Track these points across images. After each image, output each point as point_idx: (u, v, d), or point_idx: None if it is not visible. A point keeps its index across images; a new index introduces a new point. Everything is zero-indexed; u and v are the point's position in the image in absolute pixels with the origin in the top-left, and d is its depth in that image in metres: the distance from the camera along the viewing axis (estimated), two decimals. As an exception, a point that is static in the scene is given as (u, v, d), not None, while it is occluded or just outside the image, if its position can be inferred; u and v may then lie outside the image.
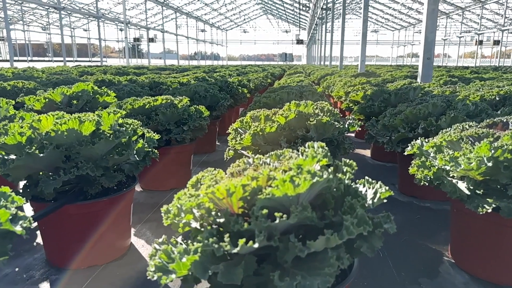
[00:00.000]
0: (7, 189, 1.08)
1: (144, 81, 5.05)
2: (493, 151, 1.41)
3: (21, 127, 1.64)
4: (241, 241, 0.83)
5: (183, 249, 0.89)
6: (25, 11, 37.95)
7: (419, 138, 1.90)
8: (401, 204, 2.67)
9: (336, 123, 1.94)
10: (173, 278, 0.86)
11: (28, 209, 2.34)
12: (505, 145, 1.41)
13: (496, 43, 30.98)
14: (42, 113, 1.68)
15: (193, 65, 22.19)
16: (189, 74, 6.96)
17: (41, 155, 1.56)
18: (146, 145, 1.89)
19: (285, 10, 48.21)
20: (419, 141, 1.86)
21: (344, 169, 1.11)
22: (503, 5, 26.78)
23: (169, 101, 2.80)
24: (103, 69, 9.95)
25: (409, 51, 53.72)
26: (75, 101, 2.92)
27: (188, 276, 0.90)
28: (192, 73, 7.06)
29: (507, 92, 3.24)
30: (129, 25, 30.15)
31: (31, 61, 37.76)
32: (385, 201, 1.01)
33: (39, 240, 2.07)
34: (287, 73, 10.59)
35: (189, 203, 0.96)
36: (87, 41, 50.35)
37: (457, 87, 4.04)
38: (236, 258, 0.92)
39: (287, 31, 61.02)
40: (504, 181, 1.45)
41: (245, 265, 0.89)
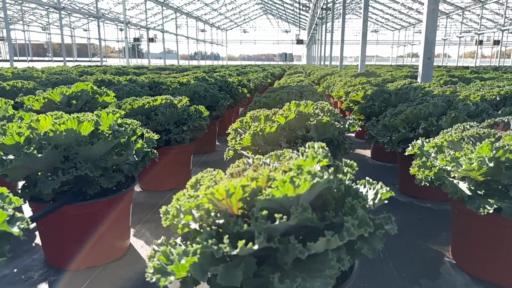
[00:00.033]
0: (4, 190, 1.07)
1: (143, 81, 5.04)
2: (494, 152, 1.40)
3: (19, 127, 1.63)
4: (241, 243, 0.82)
5: (182, 250, 0.88)
6: (25, 11, 37.96)
7: (419, 138, 1.89)
8: (401, 204, 2.66)
9: (336, 123, 1.93)
10: (172, 280, 0.85)
11: (27, 209, 2.34)
12: (507, 145, 1.40)
13: (496, 43, 30.99)
14: (41, 113, 1.67)
15: (193, 65, 22.19)
16: (189, 74, 6.95)
17: (40, 155, 1.55)
18: (145, 145, 1.89)
19: (285, 10, 48.22)
20: (420, 141, 1.85)
21: (344, 170, 1.10)
22: (503, 5, 26.77)
23: (168, 101, 2.79)
24: (103, 69, 9.94)
25: (409, 51, 53.76)
26: (75, 101, 2.91)
27: (187, 278, 0.89)
28: (192, 73, 7.06)
29: (508, 92, 3.23)
30: (129, 25, 30.15)
31: (31, 61, 37.77)
32: (386, 202, 1.01)
33: (38, 240, 2.06)
34: (287, 73, 10.59)
35: (188, 204, 0.95)
36: (87, 41, 50.37)
37: (458, 87, 4.03)
38: (235, 259, 0.91)
39: (287, 31, 61.02)
40: (505, 181, 1.44)
41: (244, 267, 0.88)
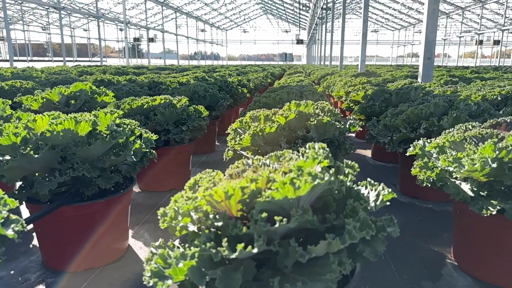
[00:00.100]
0: (-1, 191, 1.05)
1: (143, 81, 5.02)
2: (497, 152, 1.38)
3: (16, 127, 1.61)
4: (240, 246, 0.80)
5: (180, 253, 0.86)
6: (25, 11, 37.94)
7: (421, 138, 1.87)
8: (402, 205, 2.64)
9: (337, 123, 1.91)
10: (170, 284, 0.83)
11: (24, 211, 2.32)
12: (510, 145, 1.38)
13: (496, 43, 30.98)
14: (39, 113, 1.65)
15: (193, 65, 22.16)
16: (189, 74, 6.93)
17: (36, 156, 1.53)
18: (143, 146, 1.87)
19: (285, 10, 48.20)
20: (421, 142, 1.83)
21: (345, 171, 1.08)
22: (503, 5, 26.77)
23: (167, 101, 2.77)
24: (103, 69, 9.92)
25: (409, 51, 53.75)
26: (73, 101, 2.89)
27: (185, 281, 0.87)
28: (191, 73, 7.03)
29: (509, 92, 3.21)
30: (129, 25, 30.13)
31: (31, 61, 37.75)
32: (388, 203, 0.99)
33: (35, 242, 2.04)
34: (287, 73, 10.57)
35: (186, 206, 0.93)
36: (87, 41, 50.35)
37: (458, 87, 4.02)
38: (234, 263, 0.89)
39: (287, 31, 61.00)
40: (509, 182, 1.42)
41: (244, 270, 0.86)
